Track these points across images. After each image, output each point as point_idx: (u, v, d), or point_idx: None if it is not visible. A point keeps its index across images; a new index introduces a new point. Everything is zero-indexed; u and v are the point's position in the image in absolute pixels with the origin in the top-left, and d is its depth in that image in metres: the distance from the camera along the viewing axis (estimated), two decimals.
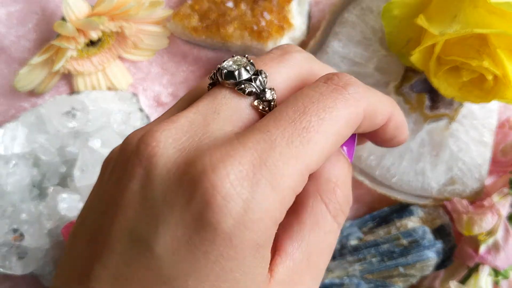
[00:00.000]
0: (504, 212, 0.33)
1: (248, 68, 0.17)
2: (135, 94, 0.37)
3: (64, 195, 0.32)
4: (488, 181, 0.36)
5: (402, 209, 0.36)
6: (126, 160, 0.16)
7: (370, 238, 0.35)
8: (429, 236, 0.34)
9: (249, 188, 0.14)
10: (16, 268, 0.31)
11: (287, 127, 0.15)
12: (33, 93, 0.37)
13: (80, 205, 0.32)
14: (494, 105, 0.36)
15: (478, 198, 0.35)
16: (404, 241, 0.34)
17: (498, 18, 0.27)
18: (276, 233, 0.15)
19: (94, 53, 0.36)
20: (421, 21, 0.29)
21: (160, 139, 0.15)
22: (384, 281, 0.34)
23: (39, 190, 0.33)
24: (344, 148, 0.20)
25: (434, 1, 0.30)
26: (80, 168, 0.32)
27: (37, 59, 0.33)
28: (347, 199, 0.19)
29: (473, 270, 0.33)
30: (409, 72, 0.36)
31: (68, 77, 0.38)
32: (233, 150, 0.14)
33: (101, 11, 0.33)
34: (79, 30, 0.33)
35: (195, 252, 0.14)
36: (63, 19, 0.33)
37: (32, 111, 0.35)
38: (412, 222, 0.35)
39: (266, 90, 0.17)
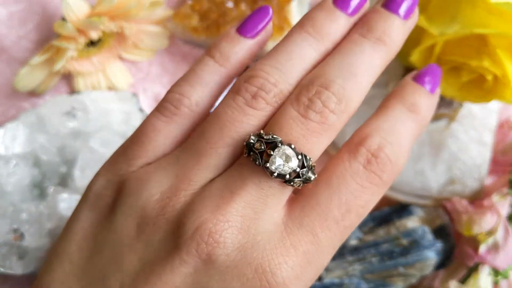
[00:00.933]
0: (504, 212, 0.33)
1: (297, 168, 0.17)
2: (135, 94, 0.37)
3: (65, 195, 0.32)
4: (488, 181, 0.36)
5: (402, 209, 0.36)
6: (178, 242, 0.17)
7: (370, 238, 0.35)
8: (429, 236, 0.34)
9: (299, 284, 0.17)
10: (16, 268, 0.31)
11: (332, 228, 0.17)
12: (34, 93, 0.37)
13: None
14: (494, 105, 0.36)
15: (477, 198, 0.35)
16: (404, 241, 0.34)
17: (497, 18, 0.27)
18: None
19: (94, 53, 0.36)
20: (421, 21, 0.30)
21: (220, 240, 0.16)
22: (384, 281, 0.34)
23: (40, 190, 0.33)
24: None
25: (433, 1, 0.30)
26: (80, 168, 0.32)
27: (37, 59, 0.34)
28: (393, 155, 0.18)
29: (473, 270, 0.33)
30: (409, 72, 0.36)
31: (68, 77, 0.38)
32: (287, 254, 0.17)
33: (101, 11, 0.33)
34: (79, 30, 0.33)
35: None
36: (64, 19, 0.33)
37: (32, 111, 0.35)
38: (411, 222, 0.35)
39: (311, 171, 0.17)
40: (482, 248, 0.32)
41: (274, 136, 0.17)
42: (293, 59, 0.18)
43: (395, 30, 0.19)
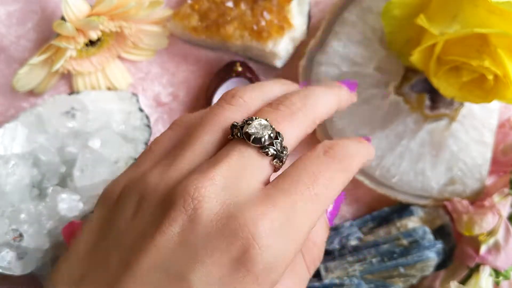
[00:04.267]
0: (505, 212, 0.33)
1: (271, 134, 0.20)
2: (134, 94, 0.37)
3: (64, 195, 0.32)
4: (489, 181, 0.36)
5: (402, 209, 0.36)
6: (167, 206, 0.19)
7: (370, 238, 0.35)
8: (429, 236, 0.34)
9: (279, 241, 0.18)
10: (15, 268, 0.30)
11: (304, 193, 0.19)
12: (33, 93, 0.37)
13: (80, 205, 0.32)
14: (495, 105, 0.36)
15: (478, 198, 0.35)
16: (404, 241, 0.34)
17: (498, 17, 0.27)
18: None
19: (94, 53, 0.36)
20: (421, 21, 0.29)
21: (205, 194, 0.18)
22: (384, 282, 0.34)
23: (39, 190, 0.33)
24: (331, 206, 0.26)
25: (434, 1, 0.30)
26: (80, 168, 0.32)
27: (36, 59, 0.33)
28: (320, 256, 0.24)
29: (474, 270, 0.33)
30: (409, 72, 0.36)
31: (67, 77, 0.38)
32: (267, 210, 0.18)
33: (100, 11, 0.33)
34: (78, 30, 0.33)
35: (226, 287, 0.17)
36: (63, 18, 0.33)
37: (31, 111, 0.35)
38: (412, 222, 0.35)
39: (284, 152, 0.21)
40: (483, 249, 0.32)
41: (252, 117, 0.21)
42: (264, 92, 0.24)
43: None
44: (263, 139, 0.20)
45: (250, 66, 0.38)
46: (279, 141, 0.20)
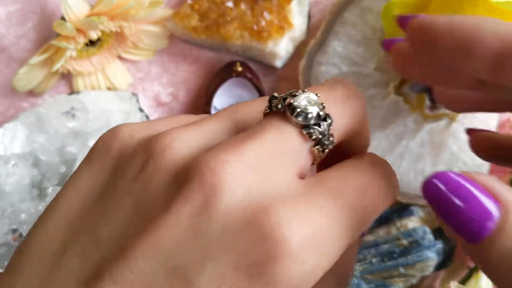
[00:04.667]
0: None
1: (320, 112, 0.16)
2: (135, 94, 0.37)
3: None
4: None
5: (402, 209, 0.36)
6: (182, 180, 0.14)
7: (370, 238, 0.35)
8: (429, 236, 0.34)
9: (315, 256, 0.14)
10: None
11: (354, 202, 0.16)
12: (33, 93, 0.37)
13: None
14: None
15: None
16: (404, 241, 0.34)
17: (498, 17, 0.27)
18: None
19: (94, 53, 0.36)
20: None
21: (230, 171, 0.14)
22: (384, 282, 0.34)
23: (39, 190, 0.33)
24: None
25: (434, 1, 0.30)
26: None
27: (36, 59, 0.33)
28: (349, 274, 0.20)
29: (474, 270, 0.33)
30: None
31: (67, 77, 0.38)
32: (306, 211, 0.14)
33: (100, 11, 0.33)
34: (78, 30, 0.33)
35: None
36: (63, 18, 0.33)
37: (31, 111, 0.35)
38: (412, 222, 0.35)
39: (330, 139, 0.16)
40: None
41: (298, 90, 0.17)
42: None
43: None
44: (310, 115, 0.16)
45: (250, 66, 0.38)
46: (327, 123, 0.16)
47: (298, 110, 0.16)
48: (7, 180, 0.32)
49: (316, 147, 0.16)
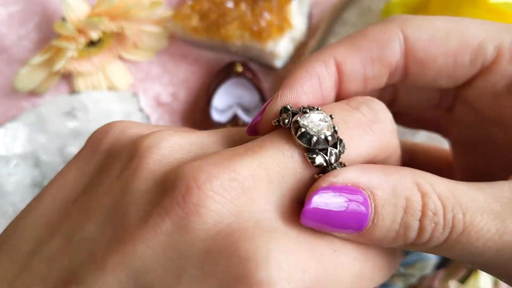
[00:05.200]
0: None
1: (329, 136, 0.14)
2: (135, 94, 0.37)
3: None
4: None
5: None
6: (164, 190, 0.13)
7: None
8: None
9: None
10: None
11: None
12: (34, 93, 0.37)
13: None
14: None
15: None
16: None
17: (498, 18, 0.27)
18: None
19: (95, 53, 0.36)
20: None
21: (218, 190, 0.13)
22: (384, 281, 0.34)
23: (40, 190, 0.33)
24: None
25: (433, 1, 0.30)
26: None
27: (37, 59, 0.34)
28: None
29: (473, 269, 0.33)
30: None
31: (68, 77, 0.38)
32: (297, 251, 0.13)
33: (101, 12, 0.33)
34: (79, 30, 0.33)
35: None
36: (64, 19, 0.33)
37: (32, 111, 0.35)
38: None
39: (336, 167, 0.14)
40: None
41: (313, 107, 0.15)
42: None
43: None
44: (314, 139, 0.14)
45: (250, 66, 0.38)
46: (336, 151, 0.14)
47: (303, 130, 0.14)
48: (8, 180, 0.32)
49: (320, 175, 0.14)
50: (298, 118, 0.14)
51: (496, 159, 0.18)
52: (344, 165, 0.14)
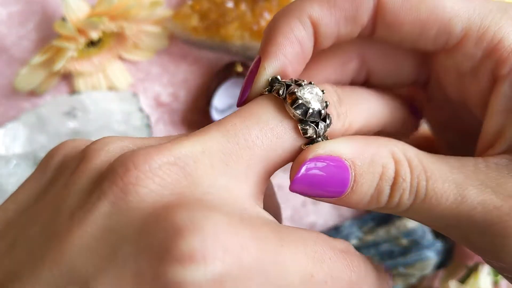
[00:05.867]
0: None
1: (322, 110, 0.15)
2: (135, 94, 0.37)
3: None
4: None
5: None
6: (105, 175, 0.13)
7: (370, 238, 0.35)
8: (429, 235, 0.34)
9: None
10: None
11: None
12: (34, 93, 0.37)
13: None
14: None
15: None
16: (404, 241, 0.34)
17: None
18: None
19: (95, 53, 0.36)
20: None
21: (158, 173, 0.12)
22: None
23: None
24: None
25: None
26: None
27: (37, 59, 0.34)
28: None
29: (473, 269, 0.33)
30: None
31: (68, 77, 0.38)
32: (238, 228, 0.12)
33: (101, 11, 0.33)
34: (79, 30, 0.33)
35: None
36: (64, 19, 0.33)
37: (32, 111, 0.35)
38: (411, 222, 0.35)
39: (322, 139, 0.15)
40: None
41: (304, 80, 0.16)
42: None
43: None
44: (310, 111, 0.15)
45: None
46: (325, 124, 0.15)
47: (300, 102, 0.15)
48: (9, 180, 0.32)
49: (307, 146, 0.15)
50: (295, 90, 0.15)
51: (470, 138, 0.19)
52: (327, 138, 0.16)
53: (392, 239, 0.34)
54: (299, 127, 0.15)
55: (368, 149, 0.15)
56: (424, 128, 0.22)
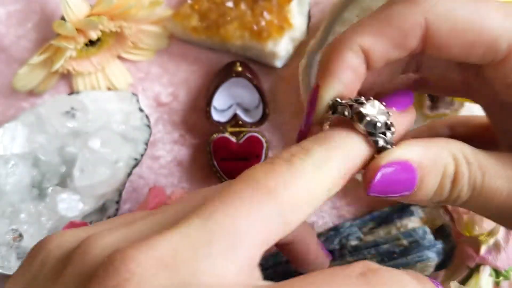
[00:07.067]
0: None
1: (387, 120, 0.17)
2: (135, 94, 0.37)
3: (64, 195, 0.32)
4: None
5: (403, 210, 0.36)
6: (89, 280, 0.13)
7: (370, 238, 0.35)
8: (430, 236, 0.33)
9: None
10: (15, 268, 0.30)
11: None
12: (33, 93, 0.37)
13: (80, 205, 0.32)
14: None
15: None
16: (405, 242, 0.34)
17: None
18: None
19: (94, 53, 0.36)
20: None
21: (135, 270, 0.13)
22: None
23: (39, 190, 0.33)
24: None
25: None
26: (79, 168, 0.32)
27: (36, 59, 0.33)
28: None
29: (474, 270, 0.33)
30: None
31: (67, 77, 0.38)
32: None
33: (100, 11, 0.33)
34: (78, 30, 0.33)
35: None
36: (63, 18, 0.33)
37: (31, 111, 0.35)
38: (412, 223, 0.35)
39: (392, 147, 0.17)
40: (483, 249, 0.32)
41: (361, 97, 0.18)
42: None
43: None
44: (379, 124, 0.17)
45: (250, 66, 0.38)
46: (391, 131, 0.17)
47: (368, 119, 0.17)
48: (7, 180, 0.32)
49: (379, 155, 0.17)
50: (360, 109, 0.17)
51: None
52: (393, 144, 0.17)
53: (392, 240, 0.34)
54: (370, 140, 0.17)
55: (430, 151, 0.17)
56: (484, 117, 0.22)
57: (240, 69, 0.36)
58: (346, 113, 0.17)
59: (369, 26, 0.18)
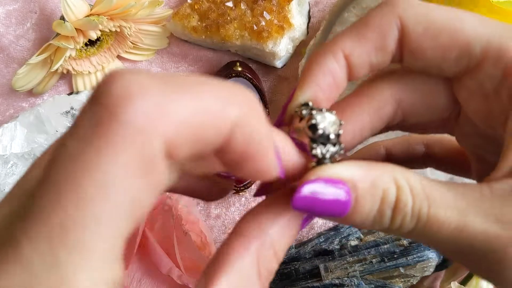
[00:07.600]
0: None
1: (331, 135, 0.17)
2: None
3: None
4: None
5: None
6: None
7: (370, 238, 0.35)
8: None
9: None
10: None
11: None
12: (32, 93, 0.37)
13: None
14: None
15: None
16: (405, 242, 0.34)
17: (499, 17, 0.27)
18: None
19: (93, 53, 0.36)
20: None
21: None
22: (384, 282, 0.34)
23: None
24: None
25: (433, 1, 0.30)
26: None
27: (35, 59, 0.33)
28: (275, 268, 0.17)
29: None
30: None
31: (67, 77, 0.37)
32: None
33: (100, 11, 0.33)
34: (78, 30, 0.33)
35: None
36: (62, 18, 0.33)
37: (31, 111, 0.35)
38: None
39: (328, 162, 0.17)
40: None
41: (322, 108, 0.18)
42: None
43: None
44: (320, 132, 0.16)
45: (250, 66, 0.38)
46: (333, 149, 0.17)
47: (313, 122, 0.17)
48: (6, 180, 0.31)
49: (314, 166, 0.17)
50: (314, 112, 0.17)
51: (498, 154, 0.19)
52: (336, 161, 0.17)
53: (392, 240, 0.34)
54: (309, 144, 0.16)
55: (370, 173, 0.16)
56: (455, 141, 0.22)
57: (240, 69, 0.36)
58: (304, 112, 0.17)
59: (349, 31, 0.18)
